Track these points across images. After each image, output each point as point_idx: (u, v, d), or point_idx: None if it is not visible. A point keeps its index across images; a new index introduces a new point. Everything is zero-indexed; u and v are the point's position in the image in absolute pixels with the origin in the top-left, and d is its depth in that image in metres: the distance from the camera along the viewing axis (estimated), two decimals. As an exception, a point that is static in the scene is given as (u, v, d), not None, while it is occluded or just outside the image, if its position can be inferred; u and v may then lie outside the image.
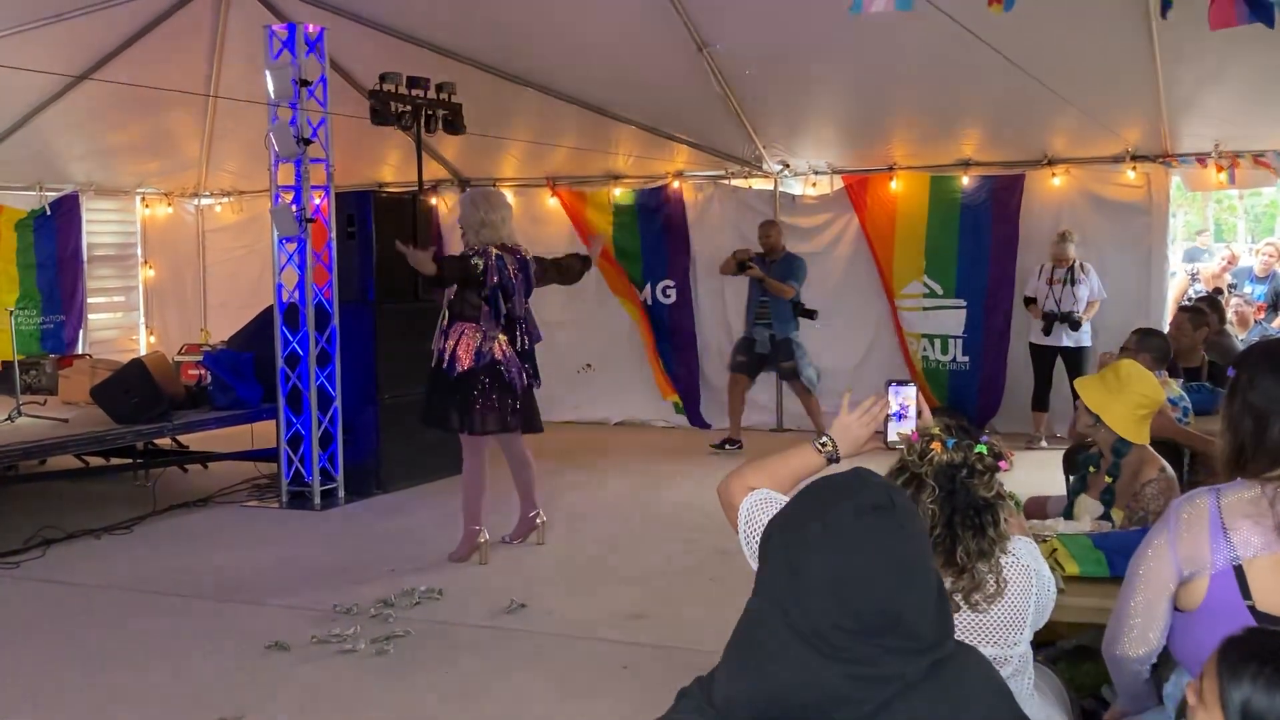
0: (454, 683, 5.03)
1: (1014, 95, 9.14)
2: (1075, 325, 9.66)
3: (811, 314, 9.99)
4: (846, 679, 1.65)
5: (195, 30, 10.50)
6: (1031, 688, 2.62)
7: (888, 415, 2.75)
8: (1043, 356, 9.94)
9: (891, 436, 2.74)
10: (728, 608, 1.80)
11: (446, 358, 6.71)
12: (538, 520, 7.17)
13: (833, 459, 2.74)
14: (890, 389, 2.76)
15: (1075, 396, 4.20)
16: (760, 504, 2.54)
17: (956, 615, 2.47)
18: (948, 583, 2.46)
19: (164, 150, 12.61)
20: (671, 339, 11.53)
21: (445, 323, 6.82)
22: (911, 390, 2.77)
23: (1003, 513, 2.51)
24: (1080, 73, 8.74)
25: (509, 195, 11.70)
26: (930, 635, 1.71)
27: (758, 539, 2.50)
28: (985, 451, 2.53)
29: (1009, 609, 2.52)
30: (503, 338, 6.78)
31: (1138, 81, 8.88)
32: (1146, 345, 5.92)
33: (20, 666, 5.30)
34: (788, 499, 2.54)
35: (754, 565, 2.51)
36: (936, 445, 2.52)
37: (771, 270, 9.94)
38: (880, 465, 2.26)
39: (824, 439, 2.75)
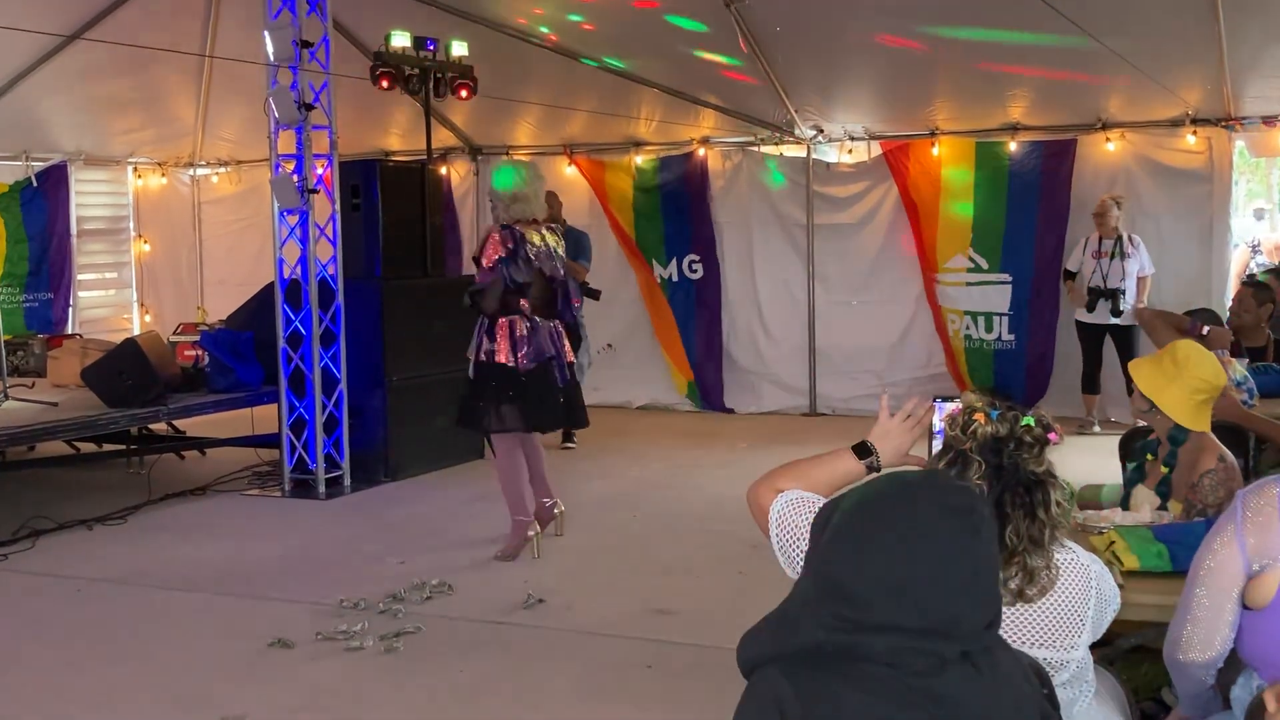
0: (467, 682, 5.03)
1: (1065, 53, 9.05)
2: (1117, 311, 9.52)
3: (595, 294, 9.93)
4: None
5: (190, -13, 10.50)
6: (1093, 697, 2.59)
7: (933, 434, 2.71)
8: (1090, 335, 9.84)
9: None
10: (758, 603, 1.79)
11: (501, 356, 6.65)
12: (555, 510, 7.18)
13: (874, 469, 2.72)
14: (936, 405, 2.72)
15: (1129, 379, 4.16)
16: (793, 505, 2.53)
17: (1007, 610, 2.45)
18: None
19: (157, 117, 12.64)
20: (697, 317, 11.50)
21: (486, 322, 6.74)
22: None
23: (1054, 493, 2.48)
24: (1136, 28, 8.63)
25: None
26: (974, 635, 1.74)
27: (792, 542, 2.49)
28: (1032, 424, 2.50)
29: (1065, 607, 2.49)
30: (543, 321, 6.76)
31: (1199, 38, 8.76)
32: (1202, 321, 5.87)
33: (9, 664, 5.33)
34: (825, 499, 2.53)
35: (788, 571, 2.50)
36: (980, 416, 2.50)
37: None
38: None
39: (864, 445, 2.72)
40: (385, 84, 9.45)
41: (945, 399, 2.75)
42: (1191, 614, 2.72)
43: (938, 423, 2.70)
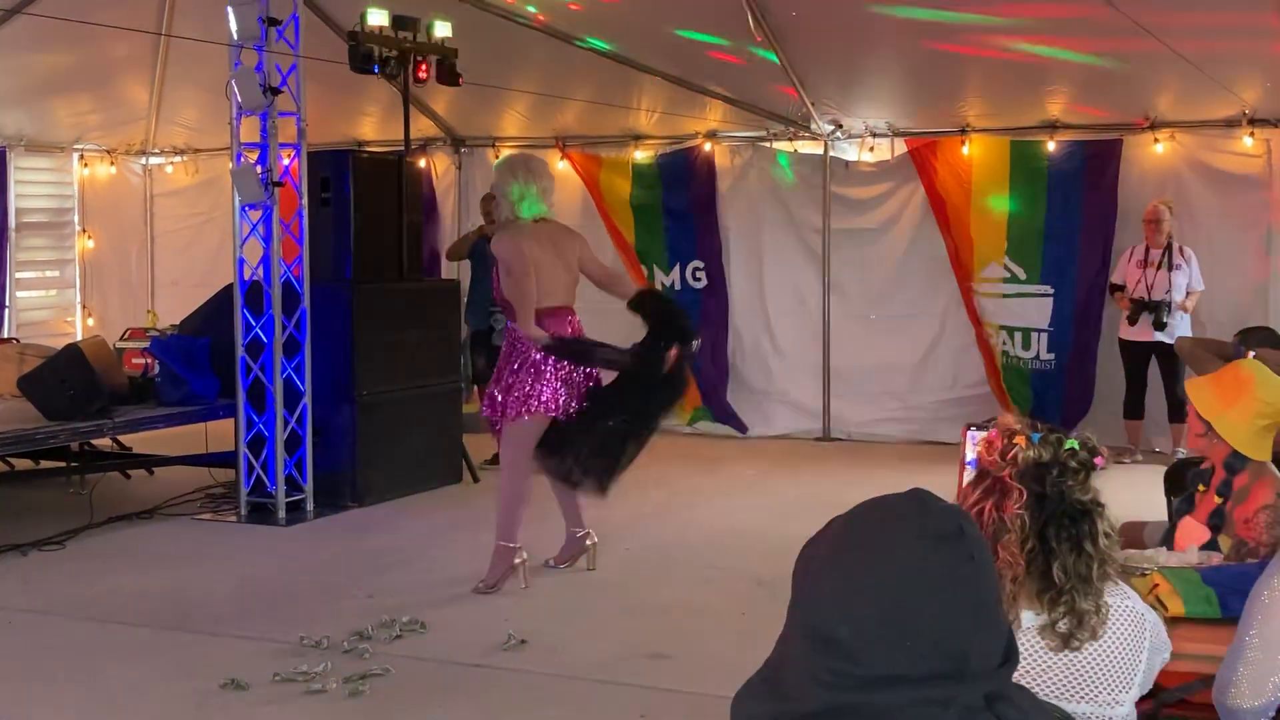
0: (440, 731, 5.03)
1: (1110, 44, 9.06)
2: (1161, 324, 9.53)
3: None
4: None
5: (145, -42, 10.53)
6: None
7: (964, 465, 2.71)
8: (1134, 354, 9.84)
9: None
10: (764, 649, 1.79)
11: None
12: (588, 541, 7.19)
13: None
14: (969, 434, 2.73)
15: (1181, 402, 4.17)
16: None
17: (1048, 658, 2.45)
18: (1043, 616, 2.44)
19: (107, 100, 12.65)
20: (702, 330, 11.49)
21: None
22: None
23: (1101, 524, 2.49)
24: (1190, 17, 8.67)
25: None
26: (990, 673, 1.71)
27: None
28: (1077, 447, 2.51)
29: (1114, 656, 2.49)
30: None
31: (1258, 29, 8.80)
32: (1253, 343, 5.87)
33: (-68, 704, 5.33)
34: None
35: None
36: (1020, 439, 2.51)
37: None
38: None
39: None
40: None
41: (978, 427, 2.75)
42: (1243, 656, 2.74)
43: (970, 452, 2.70)
